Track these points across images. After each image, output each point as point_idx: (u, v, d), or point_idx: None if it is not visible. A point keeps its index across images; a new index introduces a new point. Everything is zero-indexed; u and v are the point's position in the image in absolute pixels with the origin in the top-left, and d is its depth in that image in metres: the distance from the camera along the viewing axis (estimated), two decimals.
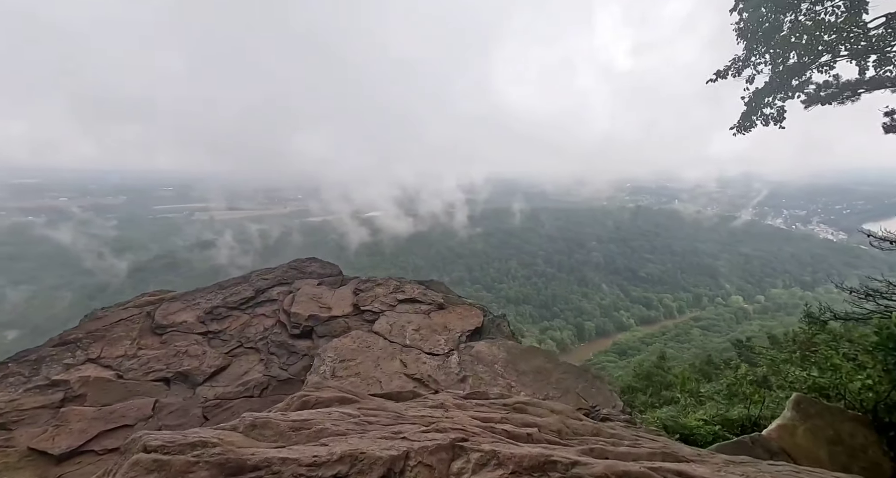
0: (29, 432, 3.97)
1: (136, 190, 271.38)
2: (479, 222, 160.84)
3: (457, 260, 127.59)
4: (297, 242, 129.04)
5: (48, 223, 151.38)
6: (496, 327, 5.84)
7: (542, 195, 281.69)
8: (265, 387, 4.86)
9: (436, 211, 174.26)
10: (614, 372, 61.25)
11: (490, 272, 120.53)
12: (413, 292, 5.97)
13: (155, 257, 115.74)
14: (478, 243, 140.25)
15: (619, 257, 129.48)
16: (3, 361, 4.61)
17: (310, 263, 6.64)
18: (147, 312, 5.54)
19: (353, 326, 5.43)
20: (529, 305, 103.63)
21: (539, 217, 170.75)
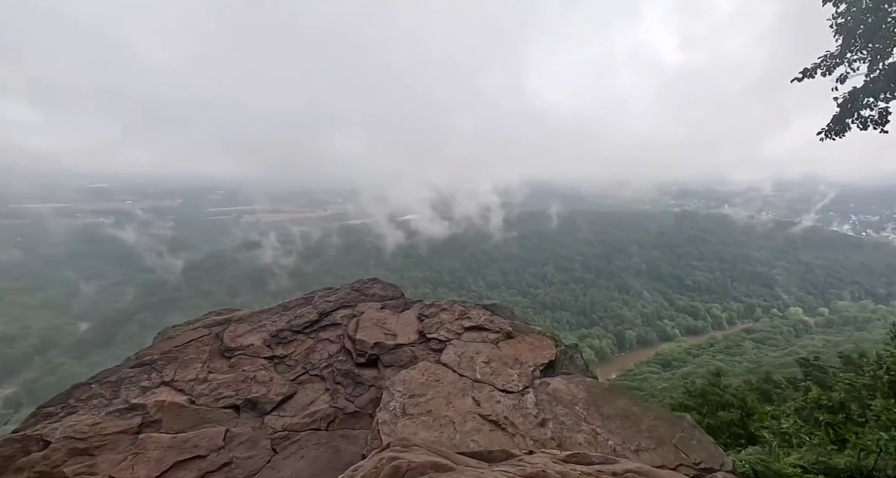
0: (110, 460, 3.96)
1: (190, 193, 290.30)
2: (515, 226, 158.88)
3: (491, 264, 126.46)
4: (337, 244, 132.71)
5: (115, 224, 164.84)
6: (569, 360, 5.40)
7: (579, 198, 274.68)
8: (332, 420, 4.67)
9: (471, 214, 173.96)
10: (657, 384, 58.29)
11: (525, 277, 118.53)
12: (479, 319, 5.64)
13: (206, 256, 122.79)
14: (513, 247, 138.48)
15: (662, 264, 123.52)
16: (87, 381, 4.69)
17: (371, 284, 6.45)
18: (216, 334, 5.52)
19: (420, 355, 5.16)
20: (566, 312, 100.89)
21: (576, 221, 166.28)
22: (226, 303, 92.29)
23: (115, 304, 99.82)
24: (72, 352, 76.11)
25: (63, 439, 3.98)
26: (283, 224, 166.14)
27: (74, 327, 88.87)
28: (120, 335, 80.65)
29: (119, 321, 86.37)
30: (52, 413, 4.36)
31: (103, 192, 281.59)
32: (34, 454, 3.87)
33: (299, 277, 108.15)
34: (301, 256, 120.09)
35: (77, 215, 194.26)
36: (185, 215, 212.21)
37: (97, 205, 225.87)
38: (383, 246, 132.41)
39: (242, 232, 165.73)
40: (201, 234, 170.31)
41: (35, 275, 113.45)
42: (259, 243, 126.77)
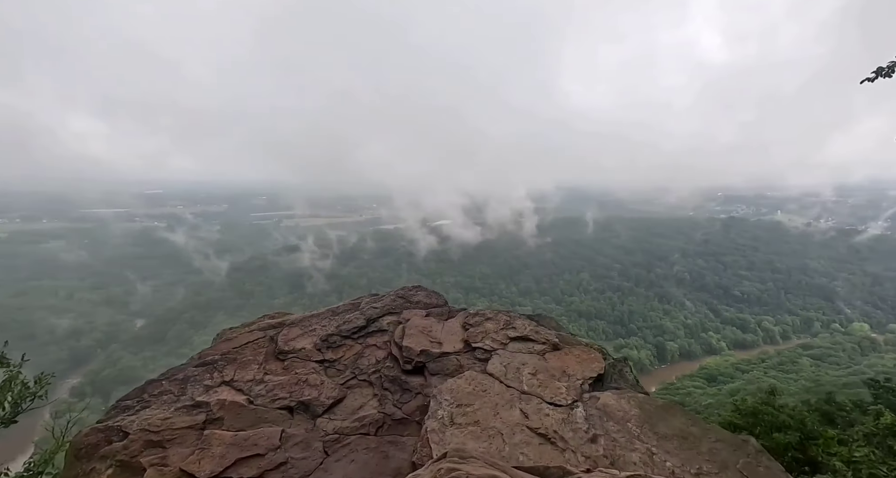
0: (179, 453, 4.22)
1: (235, 198, 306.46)
2: (549, 232, 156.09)
3: (524, 270, 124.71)
4: (371, 248, 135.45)
5: (167, 228, 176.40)
6: (619, 374, 5.24)
7: (616, 204, 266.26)
8: (380, 425, 4.77)
9: (503, 219, 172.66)
10: (702, 400, 55.20)
11: (559, 284, 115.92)
12: (525, 329, 5.59)
13: (249, 259, 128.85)
14: (546, 253, 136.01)
15: (707, 273, 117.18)
16: (158, 378, 5.03)
17: (416, 291, 6.56)
18: (270, 337, 5.79)
19: (466, 364, 5.17)
20: (602, 321, 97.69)
21: (614, 227, 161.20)
22: (266, 304, 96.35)
23: (167, 302, 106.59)
24: (129, 347, 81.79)
25: (139, 431, 4.30)
26: (321, 228, 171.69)
27: (132, 324, 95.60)
28: (171, 332, 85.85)
29: (170, 319, 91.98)
30: (130, 406, 4.72)
31: (157, 197, 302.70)
32: (115, 444, 4.20)
33: (335, 279, 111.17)
34: (337, 260, 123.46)
35: (135, 219, 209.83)
36: (231, 220, 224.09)
37: (152, 210, 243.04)
38: (416, 251, 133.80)
39: (282, 236, 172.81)
40: (245, 237, 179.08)
41: (99, 274, 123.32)
42: (298, 247, 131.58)
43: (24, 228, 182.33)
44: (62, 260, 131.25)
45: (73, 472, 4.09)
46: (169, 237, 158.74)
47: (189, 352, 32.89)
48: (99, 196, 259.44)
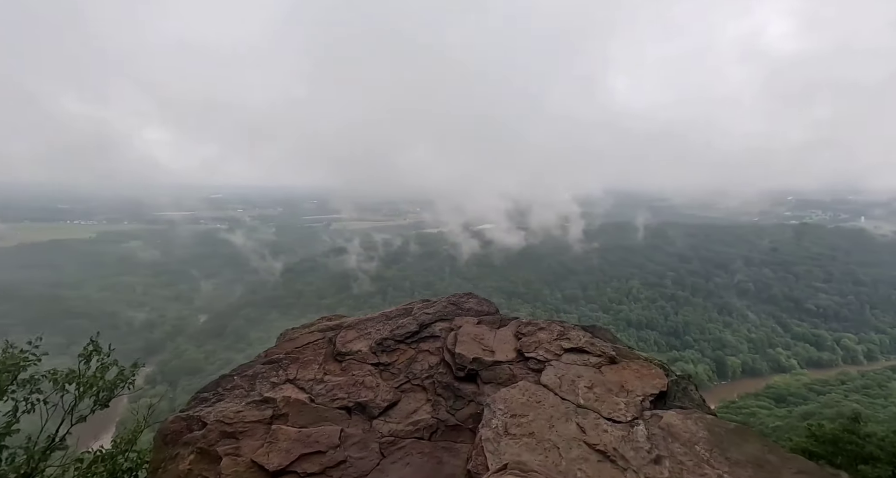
0: (250, 445, 4.52)
1: (289, 202, 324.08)
2: (596, 237, 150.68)
3: (569, 276, 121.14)
4: (414, 252, 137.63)
5: (228, 230, 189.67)
6: (683, 392, 4.96)
7: (670, 209, 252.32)
8: (434, 430, 4.84)
9: (548, 224, 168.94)
10: (769, 422, 50.71)
11: (607, 292, 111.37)
12: (580, 341, 5.45)
13: (301, 260, 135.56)
14: (593, 259, 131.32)
15: (775, 284, 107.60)
16: (230, 373, 5.42)
17: (467, 298, 6.60)
18: (329, 339, 6.04)
19: (518, 374, 5.13)
20: (654, 332, 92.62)
21: (667, 233, 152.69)
22: (314, 304, 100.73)
23: (227, 299, 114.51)
24: (193, 340, 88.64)
25: (215, 422, 4.67)
26: (367, 231, 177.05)
27: (196, 318, 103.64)
28: (229, 328, 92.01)
29: (229, 315, 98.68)
30: (207, 398, 5.14)
31: (220, 201, 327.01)
32: (196, 432, 4.59)
33: (379, 281, 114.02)
34: (382, 262, 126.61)
35: (200, 222, 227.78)
36: (285, 222, 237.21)
37: (215, 213, 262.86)
38: (458, 254, 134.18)
39: (331, 238, 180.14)
40: (297, 239, 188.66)
41: (170, 272, 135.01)
42: (345, 249, 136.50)
43: (108, 229, 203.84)
44: (139, 258, 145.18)
45: (162, 455, 4.50)
46: (229, 238, 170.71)
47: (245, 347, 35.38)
48: (169, 200, 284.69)
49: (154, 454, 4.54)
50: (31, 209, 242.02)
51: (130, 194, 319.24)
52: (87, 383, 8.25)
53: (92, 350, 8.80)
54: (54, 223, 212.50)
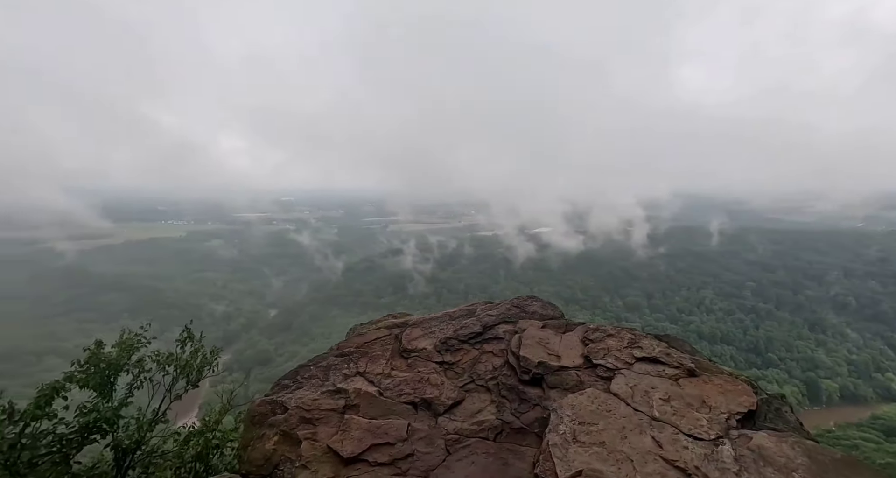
0: (326, 431, 4.81)
1: (350, 205, 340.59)
2: (662, 242, 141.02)
3: (632, 283, 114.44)
4: (468, 254, 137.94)
5: (296, 230, 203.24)
6: (775, 413, 4.50)
7: (750, 213, 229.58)
8: (499, 432, 4.83)
9: (609, 228, 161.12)
10: (876, 457, 44.22)
11: (675, 301, 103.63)
12: (653, 350, 5.16)
13: (360, 260, 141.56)
14: (659, 266, 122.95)
15: (885, 299, 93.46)
16: (306, 363, 5.83)
17: (531, 302, 6.52)
18: (395, 336, 6.26)
19: (586, 381, 4.97)
20: (731, 347, 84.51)
21: (746, 239, 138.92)
22: (372, 303, 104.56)
23: (294, 296, 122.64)
24: (264, 332, 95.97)
25: (295, 408, 5.05)
26: (422, 233, 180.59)
27: (267, 313, 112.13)
28: (295, 323, 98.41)
29: (295, 311, 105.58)
30: (287, 385, 5.58)
31: (289, 204, 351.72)
32: (279, 416, 5.00)
33: (434, 283, 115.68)
34: (437, 264, 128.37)
35: (273, 223, 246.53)
36: (346, 224, 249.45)
37: (285, 214, 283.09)
38: (513, 258, 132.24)
39: (388, 240, 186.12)
40: (357, 240, 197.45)
41: (246, 269, 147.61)
42: (401, 251, 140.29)
43: (195, 228, 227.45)
44: (220, 256, 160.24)
45: (250, 434, 4.96)
46: (297, 238, 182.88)
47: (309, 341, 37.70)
48: (245, 203, 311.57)
49: (244, 433, 5.00)
50: (135, 211, 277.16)
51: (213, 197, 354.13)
52: (182, 365, 9.33)
53: (186, 337, 9.92)
54: (153, 223, 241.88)
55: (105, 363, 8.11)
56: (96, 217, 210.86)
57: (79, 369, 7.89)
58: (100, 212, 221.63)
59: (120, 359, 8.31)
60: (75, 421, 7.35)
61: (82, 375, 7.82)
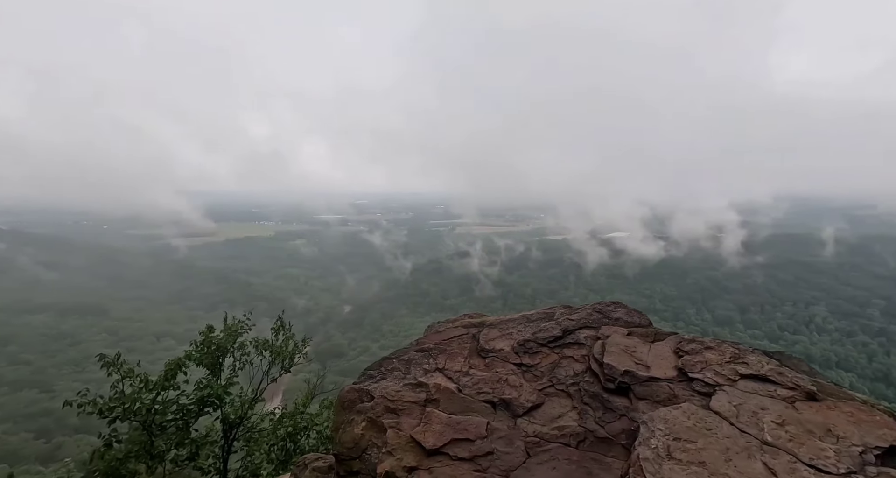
0: (409, 422, 5.02)
1: (419, 207, 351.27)
2: (761, 250, 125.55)
3: (722, 295, 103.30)
4: (537, 258, 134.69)
5: (368, 232, 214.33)
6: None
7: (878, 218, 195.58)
8: (582, 439, 4.66)
9: (695, 234, 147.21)
10: None
11: (776, 317, 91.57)
12: (761, 368, 4.63)
13: (427, 262, 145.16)
14: (757, 277, 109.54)
15: None
16: (389, 356, 6.13)
17: (615, 308, 6.22)
18: (472, 335, 6.32)
19: (680, 395, 4.61)
20: (851, 373, 72.57)
21: (872, 249, 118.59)
22: (439, 304, 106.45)
23: (366, 294, 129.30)
24: (339, 328, 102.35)
25: (380, 397, 5.33)
26: (489, 236, 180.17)
27: (341, 309, 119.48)
28: (366, 319, 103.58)
29: (366, 308, 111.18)
30: (372, 375, 5.92)
31: (363, 206, 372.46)
32: (366, 403, 5.32)
33: (501, 286, 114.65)
34: (503, 268, 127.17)
35: (348, 224, 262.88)
36: (415, 226, 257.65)
37: (359, 216, 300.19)
38: (584, 263, 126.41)
39: (455, 242, 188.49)
40: (424, 242, 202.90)
41: (324, 267, 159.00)
42: (468, 253, 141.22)
43: (282, 228, 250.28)
44: (302, 254, 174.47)
45: (341, 418, 5.35)
46: (369, 239, 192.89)
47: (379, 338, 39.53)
48: (324, 205, 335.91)
49: (335, 417, 5.39)
50: (234, 212, 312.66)
51: (298, 200, 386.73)
52: (276, 351, 10.34)
53: (279, 326, 10.99)
54: (248, 223, 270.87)
55: (215, 345, 9.30)
56: (203, 217, 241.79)
57: (195, 349, 9.14)
58: (205, 213, 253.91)
59: (226, 342, 9.47)
60: (193, 394, 8.53)
61: (198, 354, 9.05)
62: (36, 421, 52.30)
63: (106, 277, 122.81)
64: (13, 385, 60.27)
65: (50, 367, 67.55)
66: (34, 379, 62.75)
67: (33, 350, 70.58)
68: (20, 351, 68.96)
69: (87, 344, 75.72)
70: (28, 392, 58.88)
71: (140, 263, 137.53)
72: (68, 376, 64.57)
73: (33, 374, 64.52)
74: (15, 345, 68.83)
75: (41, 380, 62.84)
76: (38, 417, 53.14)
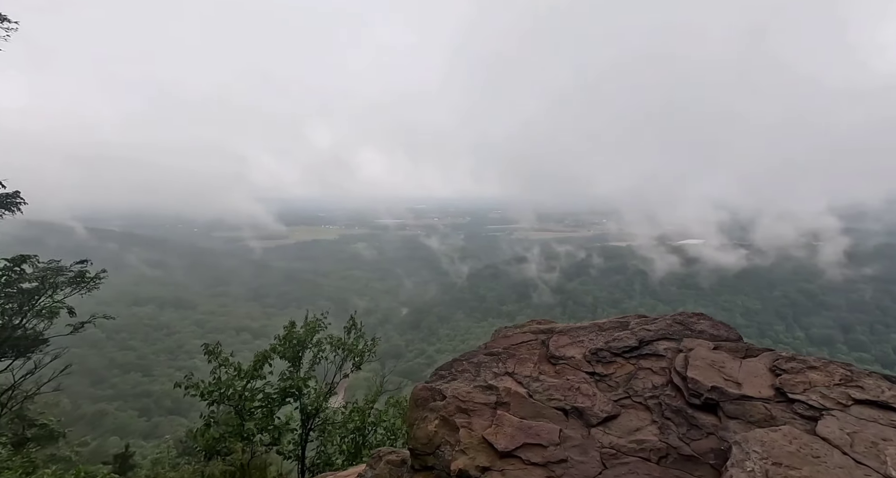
0: (480, 423, 5.11)
1: (476, 212, 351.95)
2: (869, 262, 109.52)
3: (819, 311, 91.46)
4: (598, 265, 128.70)
5: (426, 236, 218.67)
6: None
7: None
8: (663, 455, 4.44)
9: (784, 242, 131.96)
10: None
11: (891, 338, 79.03)
12: (882, 393, 4.12)
13: (484, 266, 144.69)
14: (864, 291, 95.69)
15: None
16: (459, 357, 6.27)
17: (698, 319, 5.86)
18: (541, 341, 6.28)
19: (779, 417, 4.23)
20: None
21: None
22: (496, 309, 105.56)
23: (423, 297, 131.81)
24: (397, 328, 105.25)
25: (452, 397, 5.49)
26: (548, 242, 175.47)
27: (399, 310, 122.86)
28: (423, 322, 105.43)
29: (424, 311, 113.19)
30: (443, 376, 6.11)
31: (421, 211, 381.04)
32: (438, 402, 5.51)
33: (560, 293, 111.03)
34: (563, 274, 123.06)
35: (406, 228, 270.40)
36: (472, 231, 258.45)
37: (417, 221, 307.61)
38: (651, 271, 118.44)
39: (512, 247, 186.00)
40: (482, 247, 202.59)
41: (383, 269, 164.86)
42: (525, 258, 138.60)
43: (345, 232, 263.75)
44: (364, 257, 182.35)
45: (415, 415, 5.58)
46: (426, 243, 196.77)
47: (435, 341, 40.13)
48: (384, 210, 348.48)
49: (410, 413, 5.64)
50: (303, 216, 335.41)
51: (360, 205, 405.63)
52: (349, 348, 10.98)
53: (351, 325, 11.66)
54: (315, 226, 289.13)
55: (296, 340, 10.11)
56: (276, 221, 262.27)
57: (279, 342, 10.00)
58: (279, 217, 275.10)
59: (306, 338, 10.25)
60: (277, 384, 9.34)
61: (281, 348, 9.89)
62: (140, 401, 59.97)
63: (196, 274, 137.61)
64: (123, 368, 69.56)
65: (150, 353, 77.00)
66: (139, 364, 71.95)
67: (138, 338, 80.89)
68: (128, 338, 79.34)
69: (179, 335, 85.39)
70: (134, 375, 67.65)
71: (223, 263, 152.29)
72: (165, 362, 73.26)
73: (138, 358, 73.96)
74: (125, 332, 79.29)
75: (144, 364, 71.92)
76: (142, 397, 60.90)
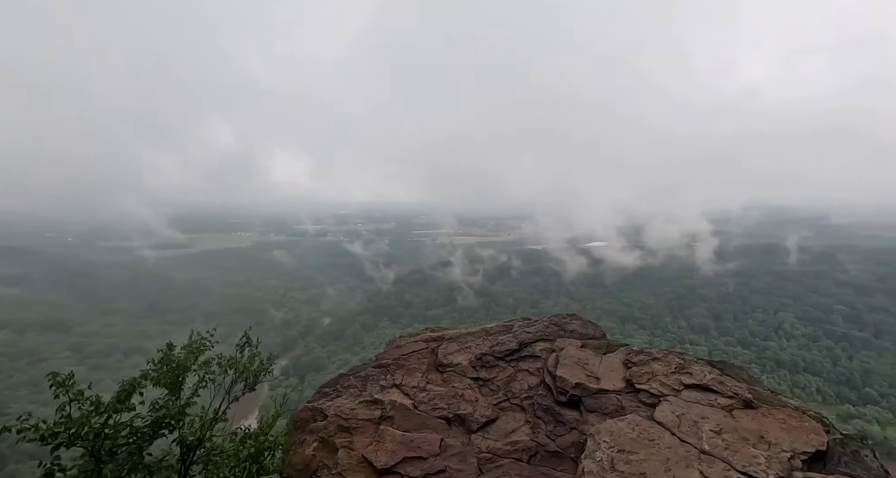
0: (361, 441, 4.96)
1: (401, 217, 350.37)
2: (732, 259, 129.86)
3: (698, 303, 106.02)
4: (518, 268, 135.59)
5: (349, 242, 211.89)
6: (851, 456, 3.97)
7: (840, 228, 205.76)
8: (533, 454, 4.71)
9: (670, 243, 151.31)
10: None
11: (748, 323, 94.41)
12: (704, 377, 4.80)
13: (410, 272, 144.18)
14: (729, 285, 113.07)
15: None
16: (346, 372, 6.06)
17: (570, 320, 6.34)
18: (432, 349, 6.33)
19: (627, 406, 4.72)
20: (817, 378, 75.12)
21: (836, 258, 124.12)
22: (421, 314, 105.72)
23: (347, 305, 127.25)
24: (319, 340, 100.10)
25: (334, 416, 5.26)
26: (471, 246, 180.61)
27: (321, 321, 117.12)
28: (348, 331, 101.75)
29: (348, 320, 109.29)
30: (328, 393, 5.84)
31: (343, 216, 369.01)
32: (319, 422, 5.24)
33: (483, 296, 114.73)
34: (486, 277, 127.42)
35: (328, 235, 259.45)
36: (397, 236, 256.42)
37: (340, 227, 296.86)
38: (564, 272, 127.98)
39: (437, 252, 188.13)
40: (407, 252, 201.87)
41: (304, 278, 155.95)
42: (450, 263, 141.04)
43: (261, 239, 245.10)
44: (282, 265, 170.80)
45: (293, 439, 5.24)
46: (350, 249, 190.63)
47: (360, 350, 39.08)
48: (304, 216, 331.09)
49: (287, 437, 5.28)
50: (210, 223, 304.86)
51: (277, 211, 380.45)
52: (241, 369, 10.04)
53: (245, 342, 10.68)
54: (226, 234, 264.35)
55: (175, 364, 8.96)
56: (177, 228, 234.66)
57: (153, 367, 8.78)
58: (180, 223, 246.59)
59: (188, 360, 9.14)
60: (149, 415, 8.16)
61: (155, 373, 8.69)
62: None
63: (73, 291, 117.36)
64: None
65: (5, 388, 63.69)
66: None
67: None
68: None
69: (48, 362, 71.79)
70: None
71: (110, 277, 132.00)
72: (25, 397, 60.93)
73: None
74: None
75: None
76: None
